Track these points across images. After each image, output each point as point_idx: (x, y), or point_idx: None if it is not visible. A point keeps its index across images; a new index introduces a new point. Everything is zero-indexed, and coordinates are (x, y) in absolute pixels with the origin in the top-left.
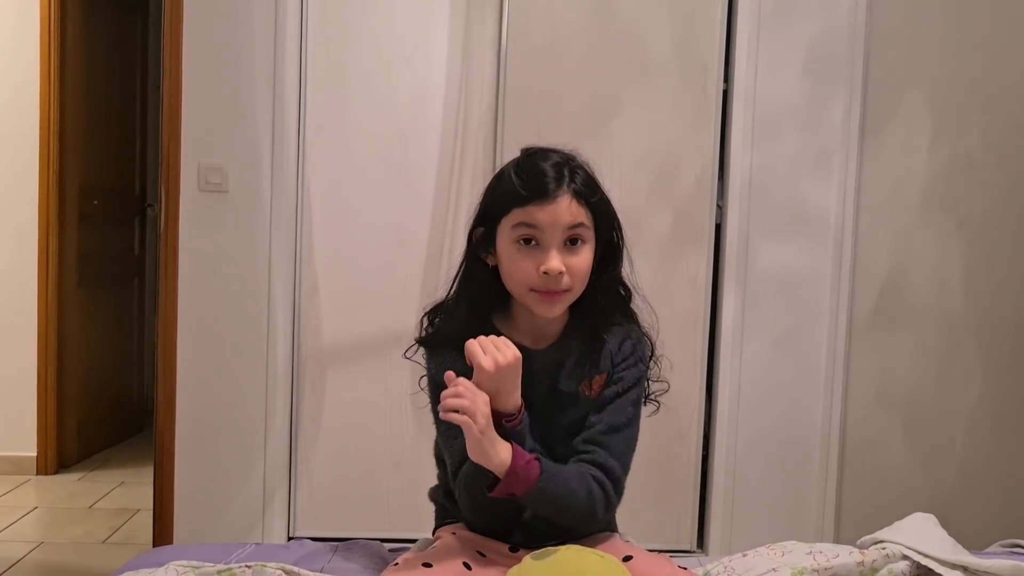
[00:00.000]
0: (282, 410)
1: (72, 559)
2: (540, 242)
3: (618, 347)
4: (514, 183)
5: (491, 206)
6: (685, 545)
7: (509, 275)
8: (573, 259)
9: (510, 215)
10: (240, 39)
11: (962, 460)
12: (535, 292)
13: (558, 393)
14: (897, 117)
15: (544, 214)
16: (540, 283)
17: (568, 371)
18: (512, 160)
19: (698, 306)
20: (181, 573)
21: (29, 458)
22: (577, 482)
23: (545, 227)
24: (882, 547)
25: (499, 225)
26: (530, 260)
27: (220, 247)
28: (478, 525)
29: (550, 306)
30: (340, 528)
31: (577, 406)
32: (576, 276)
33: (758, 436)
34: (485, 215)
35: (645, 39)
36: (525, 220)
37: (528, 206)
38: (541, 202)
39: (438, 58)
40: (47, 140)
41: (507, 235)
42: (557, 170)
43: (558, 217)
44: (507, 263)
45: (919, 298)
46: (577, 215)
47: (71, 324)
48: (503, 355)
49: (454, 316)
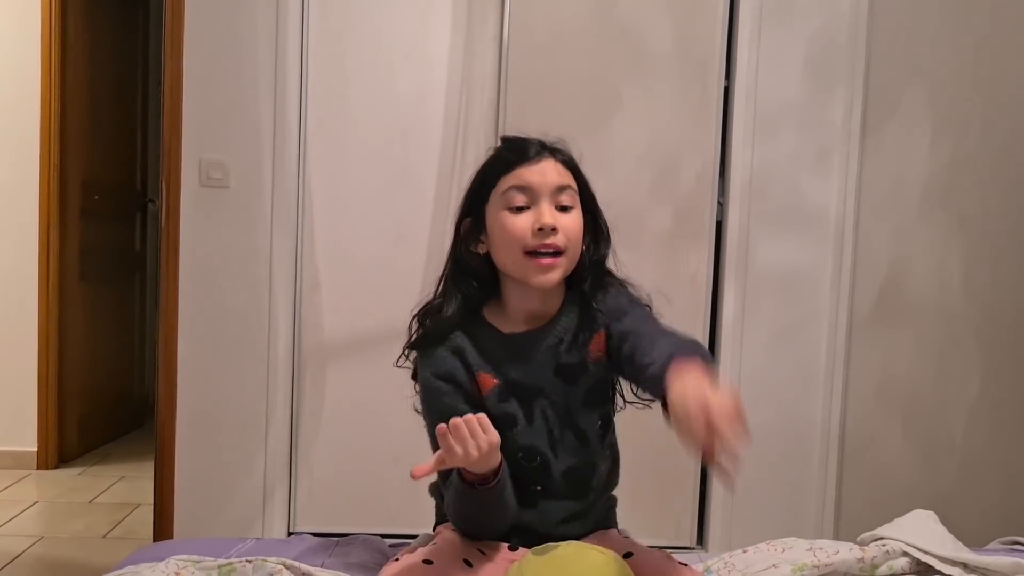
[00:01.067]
0: (282, 405)
1: (72, 553)
2: (532, 202)
3: (606, 300)
4: (499, 154)
5: (478, 187)
6: (685, 541)
7: (502, 244)
8: (565, 218)
9: (499, 184)
10: (241, 34)
11: (962, 456)
12: (531, 258)
13: (563, 368)
14: (898, 114)
15: (532, 173)
16: (535, 241)
17: (566, 346)
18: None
19: (698, 302)
20: (181, 568)
21: (30, 453)
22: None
23: (535, 185)
24: (882, 544)
25: (488, 204)
26: (524, 220)
27: (221, 242)
28: (468, 532)
29: (547, 273)
30: (340, 523)
31: (587, 374)
32: (569, 236)
33: (758, 432)
34: (472, 201)
35: (646, 35)
36: (515, 183)
37: (516, 169)
38: (528, 163)
39: (439, 54)
40: (48, 136)
41: (497, 205)
42: (539, 142)
43: (546, 175)
44: (499, 233)
45: (919, 295)
46: (564, 177)
47: (72, 319)
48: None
49: (444, 314)
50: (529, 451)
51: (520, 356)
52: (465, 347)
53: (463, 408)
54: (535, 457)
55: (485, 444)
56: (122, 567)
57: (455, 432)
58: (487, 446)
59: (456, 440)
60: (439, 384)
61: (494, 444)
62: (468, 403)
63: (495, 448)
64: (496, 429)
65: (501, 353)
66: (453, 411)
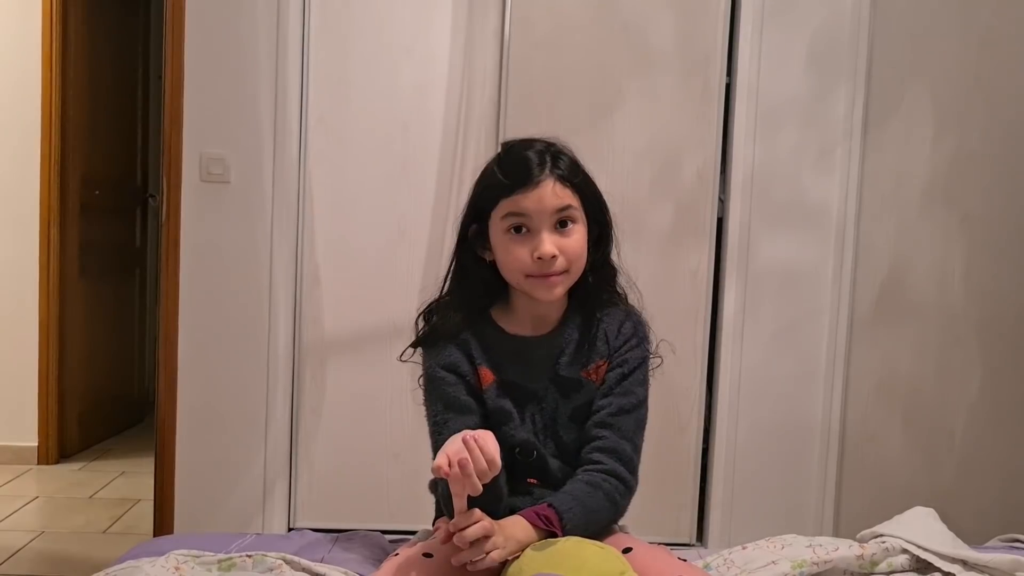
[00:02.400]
0: (283, 401)
1: (73, 548)
2: (530, 228)
3: (617, 330)
4: (497, 175)
5: (479, 202)
6: (685, 538)
7: (505, 265)
8: (565, 240)
9: (498, 207)
10: (242, 29)
11: (962, 454)
12: (532, 278)
13: (559, 379)
14: (900, 111)
15: (530, 201)
16: (535, 268)
17: (568, 357)
18: (494, 155)
19: (699, 299)
20: (181, 562)
21: (30, 448)
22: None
23: (533, 213)
24: (882, 541)
25: (490, 220)
26: (523, 247)
27: (221, 238)
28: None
29: (550, 289)
30: (340, 519)
31: (580, 392)
32: (571, 257)
33: (758, 429)
34: (475, 211)
35: (648, 31)
36: (512, 210)
37: (513, 195)
38: (525, 189)
39: (440, 49)
40: (49, 131)
41: (498, 227)
42: (539, 156)
43: (544, 201)
44: (502, 254)
45: (920, 292)
46: (563, 197)
47: (72, 315)
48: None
49: (451, 312)
50: (525, 445)
51: (521, 358)
52: (470, 341)
53: (465, 400)
54: (531, 453)
55: (482, 462)
56: (122, 561)
57: (463, 467)
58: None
59: (465, 475)
60: (444, 374)
61: (494, 455)
62: (470, 395)
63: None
64: (493, 421)
65: (503, 352)
66: (455, 401)
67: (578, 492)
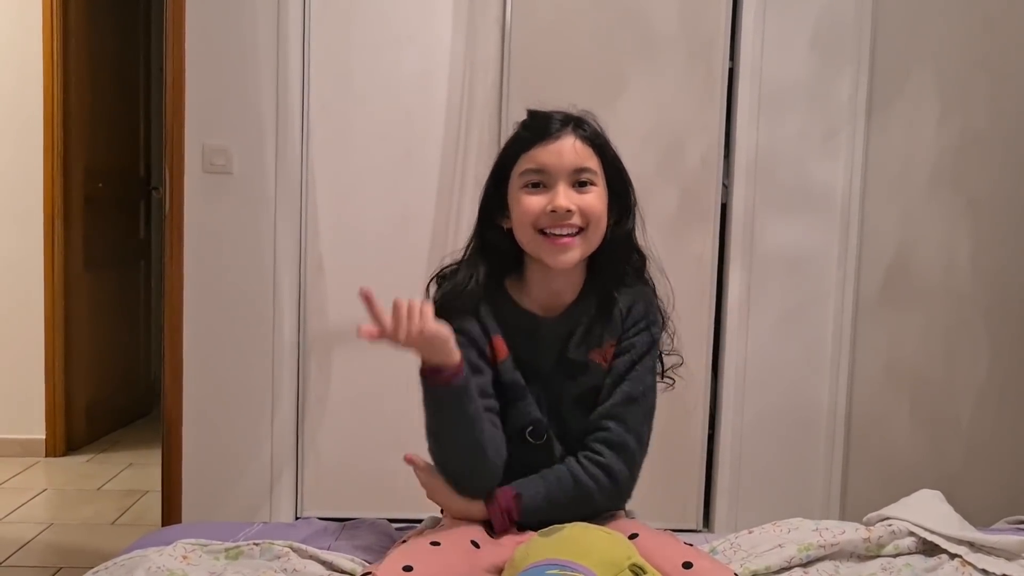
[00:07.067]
0: (288, 390)
1: (81, 540)
2: (548, 185)
3: (628, 310)
4: (520, 132)
5: (502, 161)
6: (691, 524)
7: (519, 222)
8: (583, 198)
9: (518, 164)
10: (243, 19)
11: (968, 437)
12: (544, 237)
13: (566, 362)
14: (904, 94)
15: (548, 154)
16: (549, 222)
17: (578, 339)
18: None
19: (704, 284)
20: (189, 551)
21: (38, 440)
22: (564, 487)
23: (550, 167)
24: (888, 524)
25: (510, 182)
26: (536, 199)
27: (225, 228)
28: (445, 470)
29: (561, 253)
30: (347, 508)
31: (587, 375)
32: (587, 214)
33: (764, 414)
34: (497, 177)
35: (651, 16)
36: (531, 165)
37: (532, 149)
38: (545, 142)
39: (443, 36)
40: (51, 123)
41: (516, 184)
42: (564, 115)
43: (563, 156)
44: (516, 210)
45: (926, 276)
46: (584, 157)
47: (78, 307)
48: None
49: (465, 281)
50: (538, 425)
51: (531, 335)
52: (484, 311)
53: (475, 361)
54: (542, 435)
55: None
56: (130, 551)
57: (395, 311)
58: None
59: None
60: (456, 336)
61: (433, 332)
62: (481, 359)
63: (439, 338)
64: (508, 397)
65: (515, 326)
66: (466, 361)
67: (553, 480)
